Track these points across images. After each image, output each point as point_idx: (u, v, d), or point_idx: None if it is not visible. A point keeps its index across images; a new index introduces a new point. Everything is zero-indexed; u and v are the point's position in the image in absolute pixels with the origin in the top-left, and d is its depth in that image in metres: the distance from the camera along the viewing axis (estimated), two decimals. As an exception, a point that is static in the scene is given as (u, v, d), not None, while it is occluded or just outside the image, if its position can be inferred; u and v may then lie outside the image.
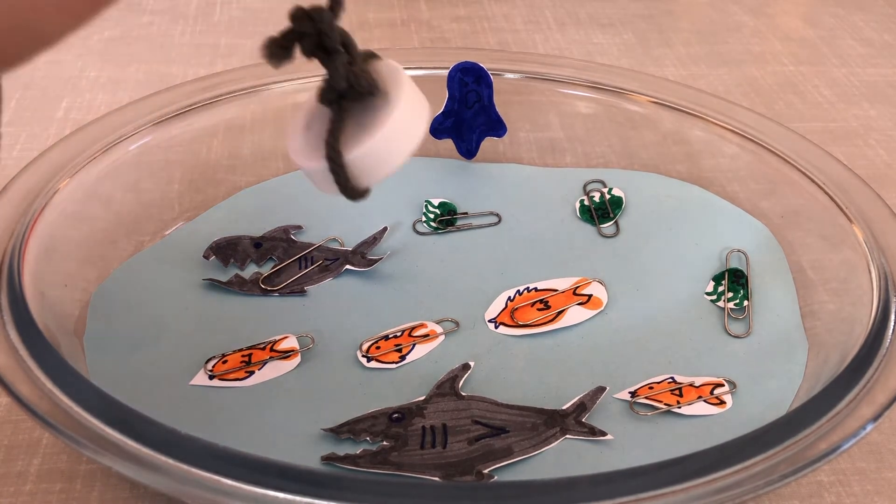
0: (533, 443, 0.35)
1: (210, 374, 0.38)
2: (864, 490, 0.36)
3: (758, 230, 0.46)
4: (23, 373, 0.32)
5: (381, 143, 0.31)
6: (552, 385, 0.38)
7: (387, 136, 0.31)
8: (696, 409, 0.37)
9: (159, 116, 0.47)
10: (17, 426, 0.37)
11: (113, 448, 0.29)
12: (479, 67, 0.49)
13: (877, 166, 0.56)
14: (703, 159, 0.50)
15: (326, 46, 0.30)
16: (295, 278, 0.43)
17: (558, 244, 0.46)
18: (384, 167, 0.31)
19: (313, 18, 0.30)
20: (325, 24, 0.30)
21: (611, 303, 0.43)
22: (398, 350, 0.39)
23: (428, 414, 0.36)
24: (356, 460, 0.34)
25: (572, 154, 0.53)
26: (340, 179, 0.31)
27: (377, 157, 0.31)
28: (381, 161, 0.31)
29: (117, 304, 0.41)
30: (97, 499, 0.34)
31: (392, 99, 0.31)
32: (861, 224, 0.41)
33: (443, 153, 0.51)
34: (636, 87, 0.52)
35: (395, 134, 0.31)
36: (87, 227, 0.43)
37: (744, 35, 0.72)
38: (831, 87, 0.65)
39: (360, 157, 0.31)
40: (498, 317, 0.42)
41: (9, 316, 0.34)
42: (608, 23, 0.73)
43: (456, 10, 0.74)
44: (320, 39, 0.30)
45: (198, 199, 0.48)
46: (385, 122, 0.31)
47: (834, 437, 0.31)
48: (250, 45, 0.66)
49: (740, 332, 0.41)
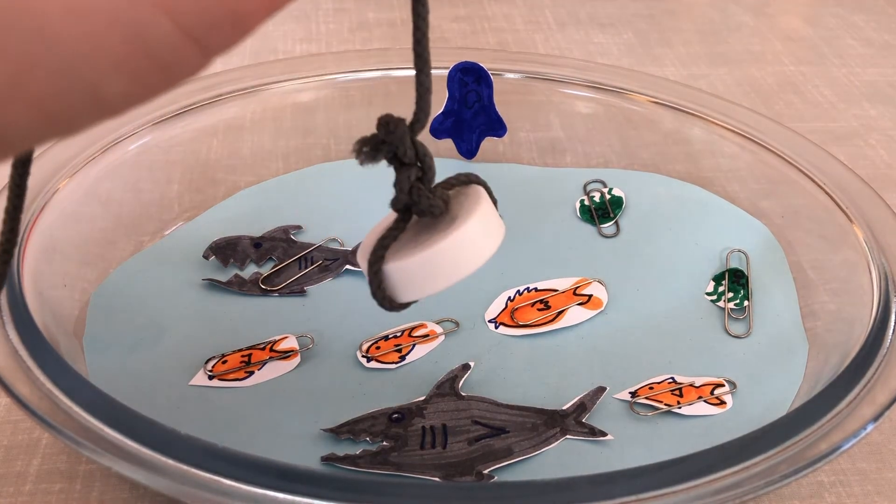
0: (533, 443, 0.35)
1: (210, 375, 0.38)
2: (864, 490, 0.36)
3: (758, 230, 0.46)
4: (22, 373, 0.32)
5: (424, 263, 0.30)
6: (552, 385, 0.38)
7: (432, 259, 0.30)
8: (696, 410, 0.37)
9: (159, 116, 0.47)
10: (17, 426, 0.37)
11: (113, 448, 0.29)
12: (479, 67, 0.49)
13: (877, 166, 0.56)
14: (704, 159, 0.50)
15: (399, 158, 0.30)
16: (295, 278, 0.43)
17: (558, 244, 0.46)
18: (425, 287, 0.31)
19: (389, 130, 0.29)
20: (397, 138, 0.29)
21: (611, 303, 0.43)
22: (398, 350, 0.39)
23: (428, 414, 0.36)
24: (356, 460, 0.34)
25: (572, 154, 0.53)
26: (372, 282, 0.30)
27: (418, 275, 0.30)
28: (422, 279, 0.30)
29: (117, 305, 0.41)
30: (97, 499, 0.34)
31: (455, 225, 0.30)
32: (861, 224, 0.41)
33: (443, 153, 0.51)
34: (636, 87, 0.52)
35: (443, 259, 0.30)
36: (86, 227, 0.43)
37: (744, 35, 0.72)
38: (832, 87, 0.65)
39: (399, 269, 0.30)
40: (498, 317, 0.42)
41: (8, 316, 0.34)
42: (608, 22, 0.73)
43: (456, 10, 0.74)
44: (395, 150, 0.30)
45: (198, 199, 0.48)
46: (436, 244, 0.30)
47: (834, 437, 0.31)
48: (250, 44, 0.66)
49: (740, 333, 0.41)
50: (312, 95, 0.52)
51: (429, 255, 0.30)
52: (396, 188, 0.30)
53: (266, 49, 0.65)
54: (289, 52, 0.65)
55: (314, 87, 0.52)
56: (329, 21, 0.71)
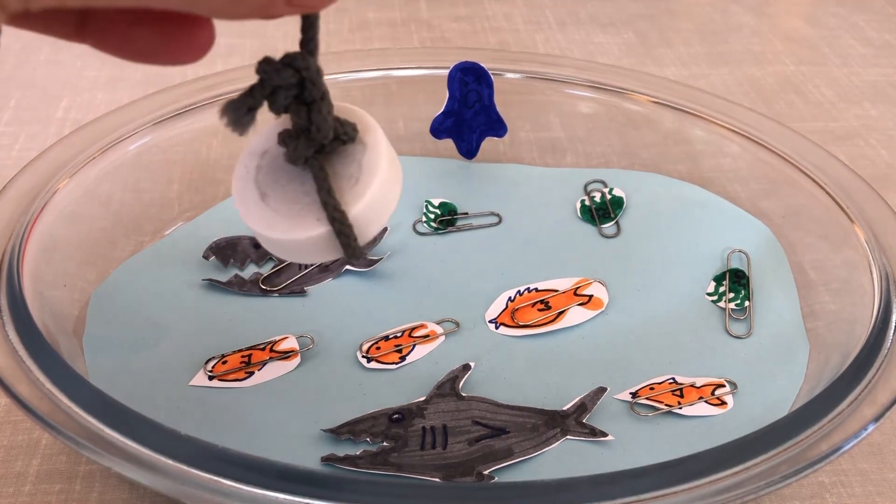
0: (533, 443, 0.35)
1: (210, 375, 0.38)
2: (865, 491, 0.36)
3: (759, 230, 0.46)
4: (22, 373, 0.31)
5: (379, 191, 0.28)
6: (553, 386, 0.38)
7: (384, 182, 0.28)
8: (697, 410, 0.37)
9: (159, 116, 0.47)
10: (17, 427, 0.37)
11: (112, 448, 0.29)
12: (479, 67, 0.48)
13: (878, 166, 0.56)
14: (704, 159, 0.50)
15: (307, 97, 0.27)
16: (295, 278, 0.43)
17: (559, 244, 0.46)
18: (383, 216, 0.29)
19: (296, 67, 0.26)
20: (311, 72, 0.26)
21: (612, 303, 0.43)
22: (398, 350, 0.39)
23: (428, 415, 0.36)
24: (356, 461, 0.34)
25: (573, 154, 0.53)
26: (349, 241, 0.28)
27: (377, 207, 0.28)
28: (380, 211, 0.28)
29: (117, 305, 0.41)
30: (97, 499, 0.34)
31: (371, 142, 0.28)
32: (862, 224, 0.41)
33: (443, 153, 0.51)
34: (637, 87, 0.52)
35: (389, 177, 0.28)
36: (86, 228, 0.43)
37: (744, 35, 0.72)
38: (832, 86, 0.65)
39: (363, 211, 0.28)
40: (498, 317, 0.42)
41: (8, 316, 0.34)
42: (609, 22, 0.73)
43: (456, 10, 0.74)
44: (301, 90, 0.26)
45: (197, 199, 0.48)
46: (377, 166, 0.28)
47: (835, 437, 0.31)
48: (250, 44, 0.66)
49: (741, 333, 0.41)
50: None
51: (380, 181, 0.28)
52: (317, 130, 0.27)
53: (266, 49, 0.65)
54: (289, 52, 0.65)
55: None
56: (329, 21, 0.71)
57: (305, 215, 0.28)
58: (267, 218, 0.28)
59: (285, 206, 0.28)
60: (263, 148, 0.30)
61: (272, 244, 0.29)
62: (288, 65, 0.26)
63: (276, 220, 0.28)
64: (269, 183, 0.29)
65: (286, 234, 0.28)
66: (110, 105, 0.57)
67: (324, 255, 0.29)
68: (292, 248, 0.29)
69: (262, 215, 0.28)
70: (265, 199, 0.29)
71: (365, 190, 0.28)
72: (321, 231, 0.28)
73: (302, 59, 0.26)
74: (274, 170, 0.29)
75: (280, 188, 0.29)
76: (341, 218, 0.27)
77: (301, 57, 0.26)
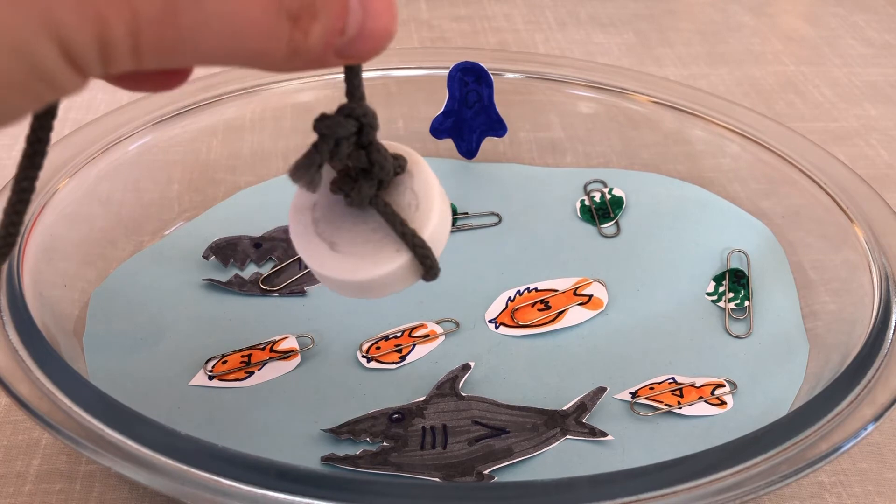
0: (533, 443, 0.35)
1: (210, 375, 0.38)
2: (864, 490, 0.36)
3: (758, 230, 0.46)
4: (22, 373, 0.31)
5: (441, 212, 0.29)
6: (552, 385, 0.38)
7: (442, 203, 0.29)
8: (696, 410, 0.37)
9: (159, 116, 0.47)
10: (17, 426, 0.37)
11: (112, 448, 0.29)
12: (479, 67, 0.49)
13: (878, 166, 0.56)
14: (704, 159, 0.50)
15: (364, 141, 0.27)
16: (295, 278, 0.43)
17: (559, 244, 0.46)
18: (447, 234, 0.29)
19: (356, 116, 0.27)
20: (369, 118, 0.27)
21: (611, 303, 0.43)
22: (398, 350, 0.39)
23: (428, 414, 0.36)
24: (356, 461, 0.34)
25: (573, 154, 0.53)
26: (432, 263, 0.28)
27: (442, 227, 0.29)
28: (445, 229, 0.29)
29: (117, 305, 0.41)
30: (97, 499, 0.34)
31: (414, 169, 0.29)
32: (862, 224, 0.41)
33: (443, 153, 0.51)
34: (637, 87, 0.52)
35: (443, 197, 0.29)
36: (86, 227, 0.43)
37: (744, 35, 0.72)
38: (832, 86, 0.65)
39: (434, 231, 0.28)
40: (498, 317, 0.42)
41: (8, 316, 0.34)
42: (609, 22, 0.73)
43: (456, 10, 0.74)
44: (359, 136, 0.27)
45: (197, 199, 0.48)
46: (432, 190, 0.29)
47: (835, 437, 0.31)
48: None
49: (741, 333, 0.41)
50: (312, 95, 0.52)
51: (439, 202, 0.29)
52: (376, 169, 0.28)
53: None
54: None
55: (314, 87, 0.52)
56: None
57: (381, 250, 0.28)
58: (346, 264, 0.29)
59: (359, 248, 0.29)
60: (311, 202, 0.30)
61: (357, 288, 0.29)
62: (348, 115, 0.27)
63: (357, 263, 0.28)
64: (332, 232, 0.29)
65: (371, 272, 0.28)
66: (110, 105, 0.57)
67: (405, 283, 0.29)
68: (378, 284, 0.29)
69: (340, 264, 0.29)
70: (336, 248, 0.29)
71: (429, 213, 0.28)
72: (403, 260, 0.28)
73: (360, 108, 0.27)
74: (331, 219, 0.29)
75: (346, 233, 0.29)
76: (421, 243, 0.28)
77: (359, 106, 0.27)
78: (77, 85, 0.22)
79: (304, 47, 0.23)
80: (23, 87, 0.21)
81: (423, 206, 0.29)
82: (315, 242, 0.29)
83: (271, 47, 0.23)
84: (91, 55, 0.21)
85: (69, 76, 0.21)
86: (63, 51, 0.20)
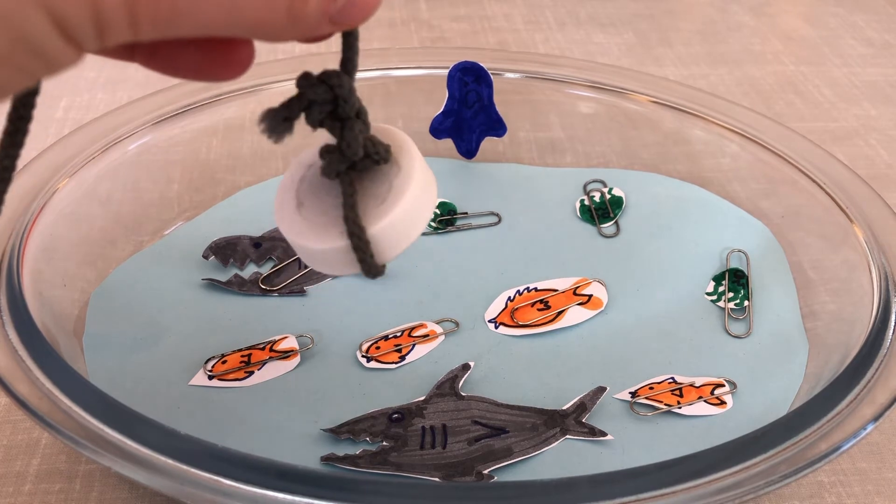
0: (533, 443, 0.35)
1: (209, 375, 0.38)
2: (864, 490, 0.36)
3: (758, 230, 0.46)
4: (22, 373, 0.31)
5: (403, 214, 0.28)
6: (552, 385, 0.38)
7: (409, 206, 0.28)
8: (696, 410, 0.37)
9: (159, 116, 0.47)
10: (17, 426, 0.37)
11: (112, 448, 0.29)
12: (479, 67, 0.49)
13: (877, 166, 0.56)
14: (704, 159, 0.50)
15: (341, 114, 0.27)
16: (295, 278, 0.43)
17: (558, 244, 0.46)
18: (405, 240, 0.29)
19: (330, 84, 0.27)
20: (344, 90, 0.27)
21: (611, 303, 0.43)
22: (398, 350, 0.39)
23: (428, 414, 0.36)
24: (356, 461, 0.34)
25: (573, 154, 0.53)
26: (365, 257, 0.28)
27: (399, 230, 0.29)
28: (403, 233, 0.29)
29: (116, 305, 0.41)
30: (96, 499, 0.34)
31: (405, 166, 0.29)
32: (861, 224, 0.41)
33: (443, 153, 0.51)
34: (636, 87, 0.52)
35: (417, 203, 0.29)
36: (86, 227, 0.43)
37: (744, 35, 0.72)
38: (832, 86, 0.65)
39: (383, 230, 0.28)
40: (498, 317, 0.42)
41: (8, 316, 0.34)
42: (608, 22, 0.73)
43: (456, 10, 0.74)
44: (335, 107, 0.27)
45: (197, 199, 0.48)
46: (406, 189, 0.28)
47: (834, 437, 0.31)
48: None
49: (741, 333, 0.41)
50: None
51: (408, 202, 0.28)
52: (347, 146, 0.28)
53: (266, 49, 0.65)
54: (288, 53, 0.65)
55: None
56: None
57: (330, 228, 0.29)
58: (297, 225, 0.29)
59: (316, 217, 0.29)
60: (311, 161, 0.31)
61: (299, 250, 0.30)
62: (323, 81, 0.27)
63: (305, 229, 0.29)
64: (307, 193, 0.30)
65: (310, 242, 0.29)
66: (110, 105, 0.57)
67: (343, 269, 0.29)
68: (316, 257, 0.29)
69: (293, 222, 0.29)
70: (300, 208, 0.30)
71: (388, 211, 0.28)
72: (341, 244, 0.28)
73: (336, 77, 0.27)
74: (315, 182, 0.30)
75: (316, 199, 0.30)
76: (359, 233, 0.28)
77: (336, 75, 0.27)
78: (71, 59, 0.21)
79: (303, 14, 0.23)
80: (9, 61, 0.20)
81: (386, 203, 0.28)
82: (289, 196, 0.30)
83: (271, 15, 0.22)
84: (85, 26, 0.20)
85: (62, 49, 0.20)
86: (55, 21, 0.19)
